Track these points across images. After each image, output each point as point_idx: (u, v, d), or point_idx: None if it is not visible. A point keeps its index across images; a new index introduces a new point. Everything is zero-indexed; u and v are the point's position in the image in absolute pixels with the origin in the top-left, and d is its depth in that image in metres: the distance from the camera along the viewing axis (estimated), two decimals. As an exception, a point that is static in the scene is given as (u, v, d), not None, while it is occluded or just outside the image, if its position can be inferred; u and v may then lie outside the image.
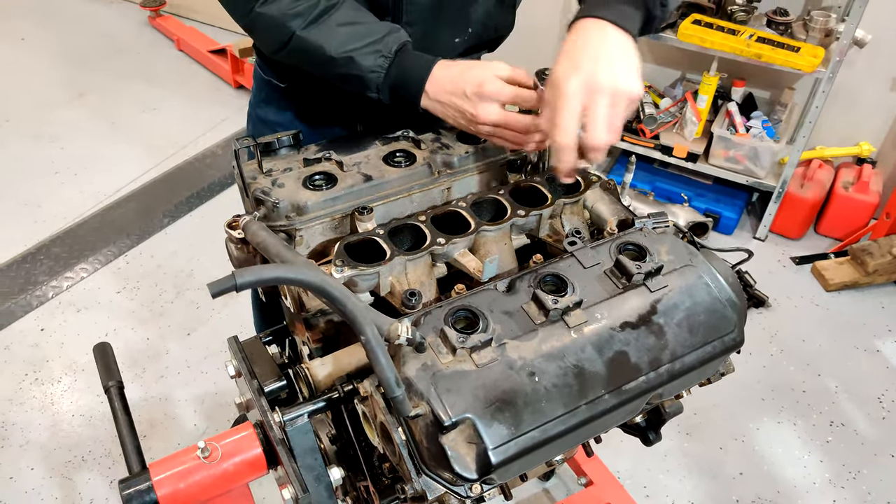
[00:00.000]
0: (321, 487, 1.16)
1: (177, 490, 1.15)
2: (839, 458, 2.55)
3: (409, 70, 1.28)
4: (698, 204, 3.53)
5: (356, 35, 1.27)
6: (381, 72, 1.27)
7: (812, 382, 2.82)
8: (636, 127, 3.52)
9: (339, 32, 1.27)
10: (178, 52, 4.82)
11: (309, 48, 1.29)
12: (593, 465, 2.29)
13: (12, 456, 2.46)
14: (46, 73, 4.54)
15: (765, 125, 3.32)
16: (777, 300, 3.18)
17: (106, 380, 1.35)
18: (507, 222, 1.20)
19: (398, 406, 0.92)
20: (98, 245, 3.28)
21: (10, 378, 2.72)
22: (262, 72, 1.64)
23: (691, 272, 1.12)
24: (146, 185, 3.66)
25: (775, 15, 3.19)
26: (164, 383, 2.71)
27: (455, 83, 1.24)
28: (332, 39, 1.27)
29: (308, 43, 1.28)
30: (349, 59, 1.27)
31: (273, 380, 1.27)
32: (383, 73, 1.28)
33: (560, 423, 0.97)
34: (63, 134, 4.02)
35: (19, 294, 3.02)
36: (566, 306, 1.03)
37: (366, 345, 0.88)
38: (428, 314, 1.03)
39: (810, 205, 3.41)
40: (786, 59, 2.96)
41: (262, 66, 1.63)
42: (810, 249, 3.47)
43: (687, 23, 3.16)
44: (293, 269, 0.84)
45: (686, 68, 3.72)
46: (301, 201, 1.20)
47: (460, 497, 0.98)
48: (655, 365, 1.03)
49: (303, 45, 1.29)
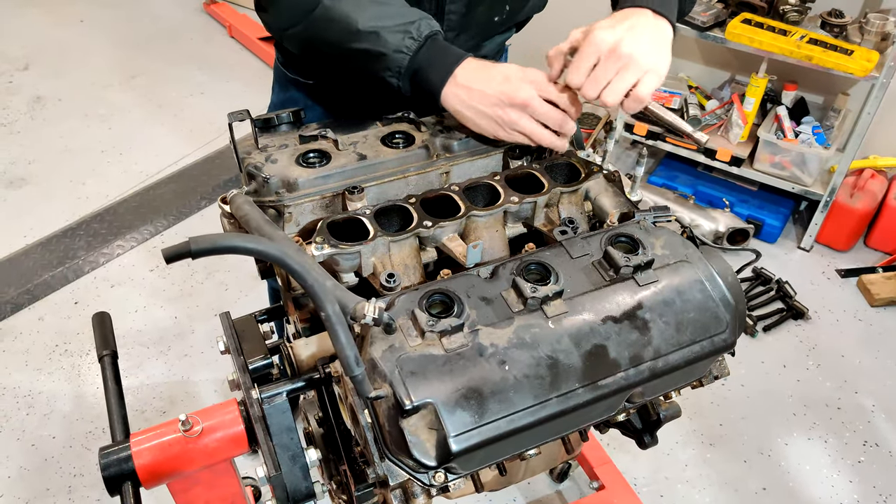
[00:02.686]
0: (296, 467, 1.14)
1: (155, 461, 1.15)
2: (870, 480, 2.43)
3: (438, 56, 1.23)
4: (741, 210, 3.42)
5: (386, 14, 1.23)
6: (407, 53, 1.21)
7: (848, 399, 2.71)
8: (679, 128, 3.42)
9: (368, 7, 1.23)
10: (230, 38, 4.89)
11: (335, 18, 1.23)
12: (607, 469, 2.24)
13: (36, 423, 2.53)
14: (101, 55, 4.65)
15: (815, 131, 3.19)
16: (818, 313, 3.06)
17: (101, 349, 1.37)
18: (498, 208, 1.16)
19: (357, 386, 0.89)
20: (136, 224, 3.35)
21: (41, 348, 2.79)
22: (286, 70, 1.62)
23: (685, 268, 1.07)
24: (187, 167, 3.72)
25: (830, 16, 3.06)
26: (186, 362, 2.74)
27: (495, 69, 1.21)
28: (361, 12, 1.22)
29: (335, 12, 1.23)
30: (376, 34, 1.21)
31: (259, 357, 1.27)
32: (409, 55, 1.21)
33: (528, 415, 0.93)
34: (112, 114, 4.11)
35: (57, 267, 3.10)
36: (545, 295, 0.99)
37: (325, 321, 0.86)
38: (403, 296, 1.00)
39: (860, 216, 3.27)
40: (837, 61, 2.84)
41: (286, 63, 1.62)
42: (858, 262, 3.33)
43: (736, 22, 3.06)
44: (251, 239, 0.83)
45: (736, 70, 3.61)
46: (292, 178, 1.18)
47: (423, 484, 0.95)
48: (636, 361, 0.99)
49: (329, 14, 1.24)
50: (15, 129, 3.99)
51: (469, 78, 1.21)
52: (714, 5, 3.20)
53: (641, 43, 1.14)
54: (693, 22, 3.14)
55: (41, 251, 3.19)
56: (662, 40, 1.19)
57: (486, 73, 1.21)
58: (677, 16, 1.27)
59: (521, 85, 1.18)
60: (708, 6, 3.19)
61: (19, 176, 3.66)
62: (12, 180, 3.63)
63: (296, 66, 1.60)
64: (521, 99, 1.18)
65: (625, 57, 1.12)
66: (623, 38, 1.13)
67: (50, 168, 3.72)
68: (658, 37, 1.19)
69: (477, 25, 1.47)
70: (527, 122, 1.20)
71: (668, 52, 1.19)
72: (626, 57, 1.12)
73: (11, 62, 4.55)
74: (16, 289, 3.00)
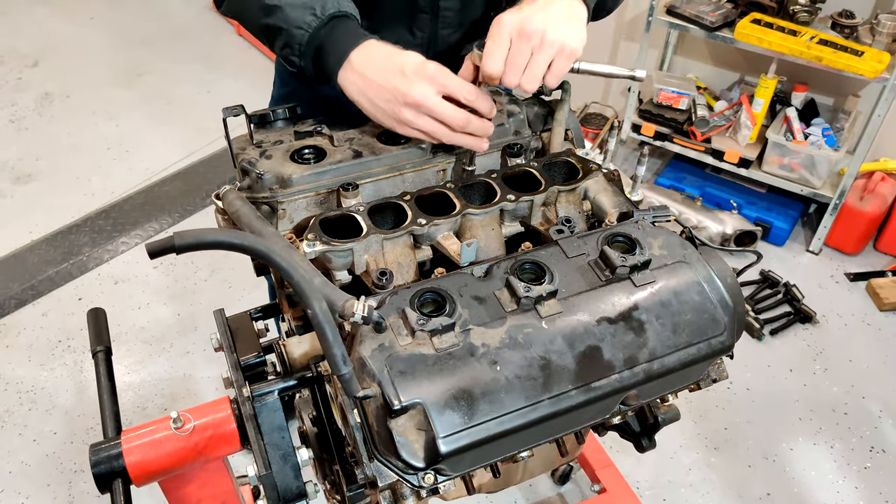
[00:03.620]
0: (287, 467, 1.13)
1: (146, 458, 1.14)
2: (876, 486, 2.40)
3: (339, 37, 1.16)
4: (749, 212, 3.38)
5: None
6: (307, 30, 1.16)
7: (855, 404, 2.67)
8: (687, 129, 3.40)
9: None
10: (238, 36, 4.89)
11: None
12: (609, 472, 2.22)
13: (38, 419, 2.53)
14: (110, 53, 4.66)
15: (825, 133, 3.16)
16: (826, 317, 3.03)
17: (95, 345, 1.35)
18: (494, 206, 1.15)
19: (345, 385, 0.88)
20: (141, 220, 3.35)
21: (44, 344, 2.79)
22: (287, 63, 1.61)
23: (683, 269, 1.05)
24: (193, 164, 3.72)
25: (840, 17, 3.03)
26: (188, 359, 2.74)
27: (391, 59, 1.14)
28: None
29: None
30: (277, 7, 1.16)
31: (252, 355, 1.26)
32: (309, 32, 1.16)
33: (519, 417, 0.91)
34: (119, 112, 4.12)
35: (61, 263, 3.10)
36: (539, 295, 0.97)
37: (312, 318, 0.84)
38: (395, 295, 0.99)
39: (869, 219, 3.23)
40: (847, 63, 2.81)
41: None
42: (867, 266, 3.29)
43: (745, 22, 3.03)
44: (236, 235, 0.81)
45: (745, 71, 3.58)
46: (285, 174, 1.17)
47: (412, 486, 0.94)
48: (631, 363, 0.97)
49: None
50: (23, 125, 4.01)
51: (364, 64, 1.15)
52: (723, 5, 3.17)
53: (549, 19, 1.11)
54: (702, 22, 3.11)
55: (46, 247, 3.20)
56: (574, 16, 1.15)
57: (383, 63, 1.14)
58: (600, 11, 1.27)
59: (414, 81, 1.11)
60: (717, 6, 3.17)
61: (26, 172, 3.67)
62: (19, 176, 3.64)
63: None
64: (413, 98, 1.10)
65: (535, 35, 1.09)
66: (529, 17, 1.10)
67: (56, 164, 3.73)
68: (569, 13, 1.15)
69: (473, 22, 1.44)
70: (424, 121, 1.13)
71: (581, 28, 1.15)
72: (536, 34, 1.09)
73: (21, 59, 4.57)
74: (20, 284, 3.01)
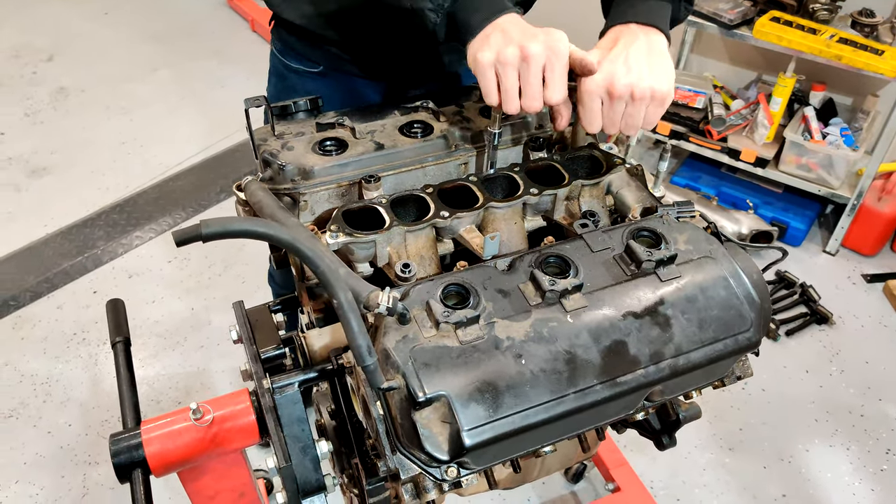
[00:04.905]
0: (307, 459, 1.13)
1: (165, 449, 1.14)
2: (893, 489, 2.37)
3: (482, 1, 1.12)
4: (765, 212, 3.36)
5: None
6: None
7: (871, 407, 2.65)
8: (703, 128, 3.38)
9: None
10: (252, 32, 4.90)
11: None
12: (623, 471, 2.21)
13: (53, 411, 2.53)
14: (125, 48, 4.67)
15: (844, 133, 3.13)
16: (842, 318, 3.00)
17: (114, 335, 1.35)
18: (517, 200, 1.14)
19: (369, 377, 0.87)
20: (155, 215, 3.35)
21: (59, 336, 2.80)
22: (284, 59, 1.61)
23: (709, 264, 1.04)
24: (207, 159, 3.72)
25: (860, 16, 3.00)
26: (203, 353, 2.74)
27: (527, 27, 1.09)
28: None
29: None
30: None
31: (272, 347, 1.26)
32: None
33: (544, 411, 0.90)
34: (133, 107, 4.12)
35: (76, 257, 3.11)
36: (564, 289, 0.96)
37: (337, 308, 0.84)
38: (418, 286, 0.98)
39: (887, 220, 3.20)
40: (867, 62, 2.78)
41: (285, 52, 1.60)
42: (884, 268, 3.26)
43: (764, 20, 3.01)
44: (263, 224, 0.81)
45: (763, 69, 3.55)
46: (307, 165, 1.16)
47: (435, 479, 0.93)
48: (657, 358, 0.96)
49: None
50: (38, 119, 4.02)
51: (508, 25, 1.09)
52: (742, 3, 3.15)
53: (633, 68, 1.10)
54: (720, 20, 3.09)
55: (61, 240, 3.20)
56: (656, 52, 1.15)
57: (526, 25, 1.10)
58: (670, 24, 1.22)
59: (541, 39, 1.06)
60: (736, 4, 3.14)
61: (41, 166, 3.68)
62: (34, 170, 3.65)
63: (297, 53, 1.58)
64: (527, 49, 1.05)
65: (625, 94, 1.10)
66: (614, 73, 1.10)
67: (71, 158, 3.73)
68: (649, 51, 1.14)
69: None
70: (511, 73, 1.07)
71: (665, 62, 1.15)
72: (625, 93, 1.10)
73: (36, 53, 4.58)
74: (35, 277, 3.02)
